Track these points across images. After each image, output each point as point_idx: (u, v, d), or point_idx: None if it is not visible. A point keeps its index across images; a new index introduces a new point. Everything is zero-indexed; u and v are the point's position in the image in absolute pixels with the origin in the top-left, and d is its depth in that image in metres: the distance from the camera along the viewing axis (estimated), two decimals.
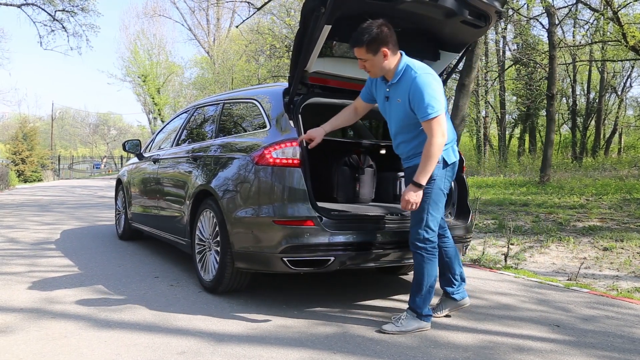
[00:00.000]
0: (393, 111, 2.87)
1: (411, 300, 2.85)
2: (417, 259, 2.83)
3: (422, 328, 2.82)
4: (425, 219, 2.77)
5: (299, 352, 2.48)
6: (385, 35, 2.71)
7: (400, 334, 2.75)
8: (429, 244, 2.80)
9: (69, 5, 17.81)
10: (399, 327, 2.78)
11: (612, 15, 10.44)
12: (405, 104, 2.75)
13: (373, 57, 2.75)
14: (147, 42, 34.66)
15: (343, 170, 3.75)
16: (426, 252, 2.80)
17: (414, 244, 2.82)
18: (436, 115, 2.63)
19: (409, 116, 2.78)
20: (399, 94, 2.79)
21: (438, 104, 2.65)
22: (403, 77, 2.76)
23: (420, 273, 2.81)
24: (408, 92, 2.71)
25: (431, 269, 2.81)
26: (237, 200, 3.20)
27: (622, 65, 22.52)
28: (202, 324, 2.85)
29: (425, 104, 2.63)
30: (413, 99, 2.69)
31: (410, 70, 2.74)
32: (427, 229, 2.78)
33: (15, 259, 4.63)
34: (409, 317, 2.82)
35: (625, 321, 3.11)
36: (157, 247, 5.32)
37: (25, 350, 2.43)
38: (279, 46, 17.99)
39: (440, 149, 2.66)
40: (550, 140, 12.63)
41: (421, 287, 2.81)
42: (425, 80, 2.69)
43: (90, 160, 47.08)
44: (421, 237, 2.79)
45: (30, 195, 13.35)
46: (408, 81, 2.72)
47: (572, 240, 5.72)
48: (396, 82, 2.79)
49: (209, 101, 4.53)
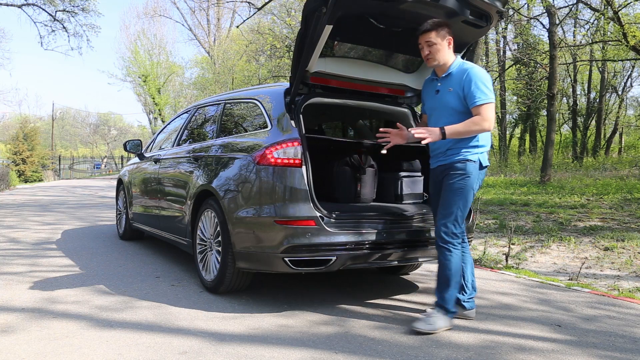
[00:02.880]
0: (443, 101, 2.94)
1: (440, 297, 2.86)
2: (444, 254, 2.84)
3: (448, 326, 2.84)
4: (455, 213, 2.83)
5: (300, 352, 2.48)
6: (450, 28, 2.91)
7: (433, 332, 2.77)
8: (455, 239, 2.83)
9: (70, 5, 17.83)
10: (432, 325, 2.78)
11: (612, 15, 10.43)
12: (458, 92, 2.86)
13: (440, 41, 2.89)
14: (148, 42, 34.65)
15: (344, 170, 3.75)
16: (453, 247, 2.83)
17: (442, 238, 2.84)
18: (486, 102, 2.77)
19: (459, 104, 2.87)
20: (450, 84, 2.90)
21: (489, 93, 2.80)
22: (456, 71, 2.90)
23: (448, 268, 2.83)
24: (461, 80, 2.84)
25: (458, 263, 2.85)
26: (238, 200, 3.20)
27: (623, 65, 22.51)
28: (203, 324, 2.85)
29: (477, 90, 2.78)
30: (466, 86, 2.82)
31: (463, 65, 2.91)
32: (455, 223, 2.83)
33: (16, 259, 4.63)
34: (438, 314, 2.83)
35: (627, 321, 3.11)
36: (158, 247, 5.32)
37: (27, 350, 2.43)
38: (280, 46, 17.98)
39: (478, 130, 2.77)
40: (551, 140, 12.62)
41: (449, 282, 2.83)
42: (479, 71, 2.85)
43: (91, 161, 47.15)
44: (449, 231, 2.83)
45: (30, 196, 13.36)
46: (461, 72, 2.87)
47: (573, 240, 5.71)
48: (447, 75, 2.93)
49: (210, 101, 4.53)
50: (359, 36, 3.35)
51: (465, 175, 2.83)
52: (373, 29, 3.24)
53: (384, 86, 3.74)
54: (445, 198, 2.86)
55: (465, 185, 2.83)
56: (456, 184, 2.83)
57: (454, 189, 2.84)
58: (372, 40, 3.42)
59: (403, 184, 3.83)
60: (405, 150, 3.98)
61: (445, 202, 2.85)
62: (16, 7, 17.53)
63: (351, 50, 3.51)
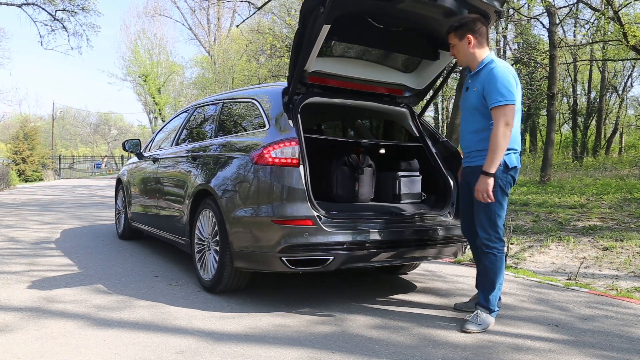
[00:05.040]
0: (469, 100, 2.94)
1: (484, 298, 2.92)
2: (489, 259, 2.88)
3: (491, 324, 2.91)
4: (494, 219, 2.86)
5: (297, 351, 2.48)
6: (473, 25, 2.88)
7: (482, 332, 2.83)
8: (499, 243, 2.87)
9: (70, 4, 17.83)
10: (481, 326, 2.85)
11: (612, 15, 10.42)
12: (480, 91, 2.84)
13: (459, 42, 2.90)
14: (148, 41, 34.67)
15: (342, 169, 3.75)
16: (498, 252, 2.87)
17: (485, 245, 2.87)
18: (505, 104, 2.72)
19: (479, 104, 2.86)
20: (477, 82, 2.89)
21: (509, 94, 2.74)
22: (484, 68, 2.87)
23: (493, 272, 2.88)
24: (484, 80, 2.83)
25: (502, 266, 2.90)
26: (236, 200, 3.20)
27: (623, 64, 22.50)
28: (200, 323, 2.85)
29: (497, 91, 2.74)
30: (487, 86, 2.79)
31: (491, 62, 2.85)
32: (495, 227, 2.87)
33: (15, 258, 4.64)
34: (483, 314, 2.90)
35: (624, 321, 3.11)
36: (157, 246, 5.32)
37: (24, 350, 2.43)
38: (280, 46, 17.97)
39: (506, 139, 2.72)
40: (551, 139, 12.62)
41: (494, 285, 2.90)
42: (502, 71, 2.79)
43: (91, 160, 47.16)
44: (491, 237, 2.86)
45: (30, 195, 13.37)
46: (487, 71, 2.84)
47: (572, 239, 5.71)
48: (477, 72, 2.90)
49: (208, 101, 4.53)
50: (357, 36, 3.35)
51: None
52: (371, 29, 3.24)
53: (382, 86, 3.74)
54: (478, 205, 2.89)
55: (496, 191, 2.80)
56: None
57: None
58: (370, 40, 3.42)
59: (401, 183, 3.83)
60: (404, 150, 3.98)
61: (481, 210, 2.87)
62: (16, 6, 17.55)
63: (349, 49, 3.50)
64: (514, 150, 2.87)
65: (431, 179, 3.81)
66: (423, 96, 4.00)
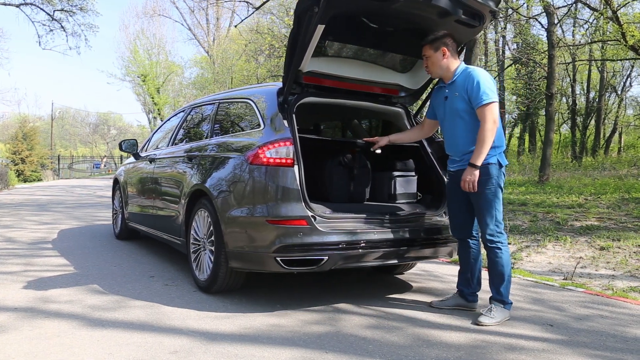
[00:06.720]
0: (452, 106, 3.05)
1: (495, 292, 3.01)
2: (494, 253, 2.99)
3: (507, 317, 2.99)
4: (493, 214, 2.97)
5: (291, 351, 2.48)
6: (447, 40, 3.06)
7: (496, 324, 2.91)
8: (502, 237, 2.98)
9: (68, 5, 17.81)
10: (494, 319, 2.94)
11: (611, 15, 10.41)
12: (463, 95, 2.99)
13: (434, 53, 3.05)
14: (147, 41, 34.67)
15: (337, 169, 3.75)
16: (502, 244, 2.98)
17: (489, 240, 2.98)
18: (489, 102, 2.88)
19: (466, 106, 2.99)
20: (456, 89, 3.03)
21: (492, 93, 2.91)
22: (461, 74, 3.03)
23: (500, 265, 2.98)
24: (465, 84, 2.98)
25: (508, 258, 3.01)
26: (231, 200, 3.20)
27: (622, 64, 22.50)
28: (195, 323, 2.85)
29: (481, 91, 2.90)
30: (470, 88, 2.94)
31: (467, 69, 3.03)
32: (497, 223, 2.99)
33: (11, 258, 4.64)
34: (497, 308, 2.98)
35: (619, 320, 3.11)
36: (154, 246, 5.32)
37: (18, 350, 2.43)
38: (278, 46, 17.97)
39: (492, 134, 2.87)
40: (550, 139, 12.60)
41: (503, 278, 2.99)
42: (482, 73, 2.99)
43: (90, 160, 47.10)
44: (494, 232, 2.97)
45: (29, 195, 13.36)
46: (465, 76, 3.00)
47: (569, 239, 5.71)
48: (454, 81, 3.05)
49: (204, 101, 4.54)
50: (352, 36, 3.35)
51: (490, 177, 2.95)
52: (366, 29, 3.24)
53: (378, 86, 3.74)
54: (479, 204, 3.00)
55: (493, 187, 2.96)
56: (485, 189, 2.95)
57: (485, 194, 2.96)
58: (365, 40, 3.42)
59: (396, 183, 3.83)
60: (399, 150, 3.98)
61: (482, 208, 2.99)
62: (14, 6, 17.53)
63: (344, 49, 3.50)
64: (503, 148, 3.01)
65: (427, 179, 3.81)
66: (419, 96, 4.00)
